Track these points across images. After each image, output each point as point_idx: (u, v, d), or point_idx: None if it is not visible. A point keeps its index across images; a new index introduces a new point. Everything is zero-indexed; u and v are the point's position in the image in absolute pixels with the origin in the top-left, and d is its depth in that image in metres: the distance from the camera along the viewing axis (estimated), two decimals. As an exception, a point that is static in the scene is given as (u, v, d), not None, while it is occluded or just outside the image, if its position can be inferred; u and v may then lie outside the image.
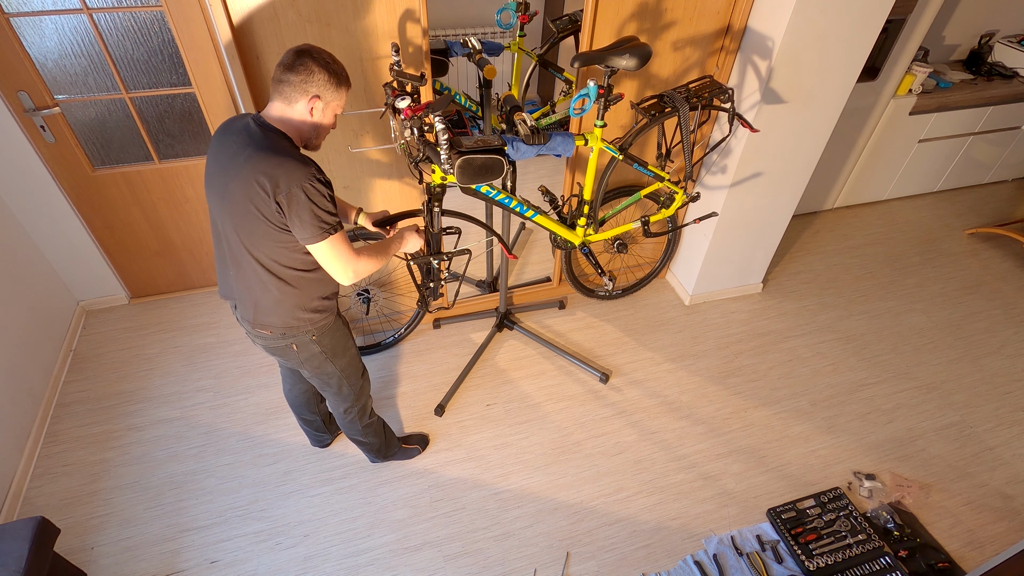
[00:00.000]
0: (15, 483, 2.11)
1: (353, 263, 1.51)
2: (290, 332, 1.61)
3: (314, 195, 1.38)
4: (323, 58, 1.41)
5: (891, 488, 2.28)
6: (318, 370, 1.75)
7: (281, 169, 1.37)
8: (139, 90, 2.30)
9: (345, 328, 1.79)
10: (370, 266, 1.56)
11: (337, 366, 1.76)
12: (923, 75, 3.15)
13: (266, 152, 1.38)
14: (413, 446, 2.28)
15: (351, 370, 1.82)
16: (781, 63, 2.16)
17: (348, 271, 1.51)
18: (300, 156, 1.41)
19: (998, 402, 2.63)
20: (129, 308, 2.86)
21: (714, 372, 2.69)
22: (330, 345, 1.71)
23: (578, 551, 2.06)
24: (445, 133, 1.68)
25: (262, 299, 1.55)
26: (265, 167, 1.37)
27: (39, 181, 2.39)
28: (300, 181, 1.37)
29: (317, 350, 1.68)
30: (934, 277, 3.29)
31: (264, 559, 2.00)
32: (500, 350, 2.74)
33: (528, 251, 3.20)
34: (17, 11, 2.03)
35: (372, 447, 2.15)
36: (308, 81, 1.40)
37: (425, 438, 2.35)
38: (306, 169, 1.38)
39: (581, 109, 1.82)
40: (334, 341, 1.72)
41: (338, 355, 1.75)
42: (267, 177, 1.36)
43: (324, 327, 1.66)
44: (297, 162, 1.38)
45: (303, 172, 1.37)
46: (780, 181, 2.61)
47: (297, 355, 1.68)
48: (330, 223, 1.43)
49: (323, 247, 1.44)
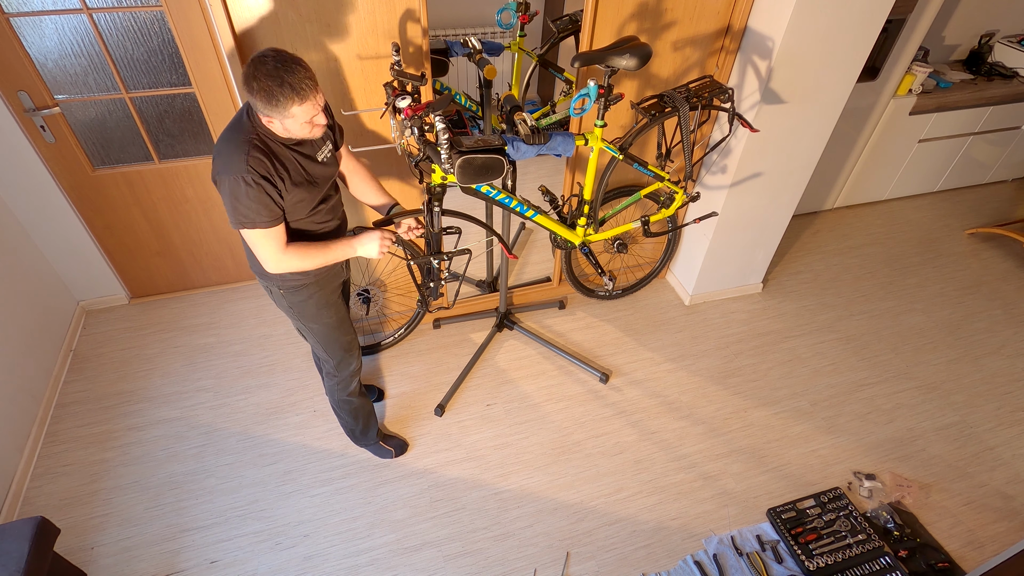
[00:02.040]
0: (15, 483, 2.11)
1: (276, 257, 1.57)
2: (262, 275, 1.71)
3: (237, 192, 1.45)
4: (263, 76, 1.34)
5: (891, 488, 2.28)
6: (294, 322, 1.87)
7: (217, 160, 1.47)
8: (139, 90, 2.30)
9: (325, 300, 1.81)
10: (299, 262, 1.60)
11: (307, 327, 1.85)
12: (923, 75, 3.15)
13: (224, 135, 1.49)
14: (389, 448, 2.28)
15: (327, 339, 1.89)
16: (781, 63, 2.16)
17: (268, 262, 1.58)
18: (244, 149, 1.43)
19: (998, 402, 2.63)
20: (129, 308, 2.86)
21: (714, 372, 2.69)
22: (299, 305, 1.78)
23: (578, 551, 2.06)
24: (445, 133, 1.68)
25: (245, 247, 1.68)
26: (216, 155, 1.49)
27: (39, 181, 2.39)
28: (229, 175, 1.44)
29: (285, 304, 1.78)
30: (934, 277, 3.29)
31: (264, 559, 2.00)
32: (500, 350, 2.74)
33: (528, 251, 3.20)
34: (17, 11, 2.03)
35: (346, 425, 2.21)
36: (250, 100, 1.39)
37: (404, 445, 2.33)
38: (237, 167, 1.43)
39: (581, 109, 1.82)
40: (303, 304, 1.78)
41: (307, 318, 1.82)
42: (213, 158, 1.50)
43: (292, 288, 1.73)
44: (229, 153, 1.45)
45: (234, 169, 1.43)
46: (780, 181, 2.61)
47: (271, 296, 1.80)
48: (247, 218, 1.47)
49: (244, 234, 1.54)
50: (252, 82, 1.35)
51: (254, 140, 1.45)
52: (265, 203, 1.48)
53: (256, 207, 1.47)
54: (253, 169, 1.43)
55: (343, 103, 2.06)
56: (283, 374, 2.57)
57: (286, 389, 2.52)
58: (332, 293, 1.84)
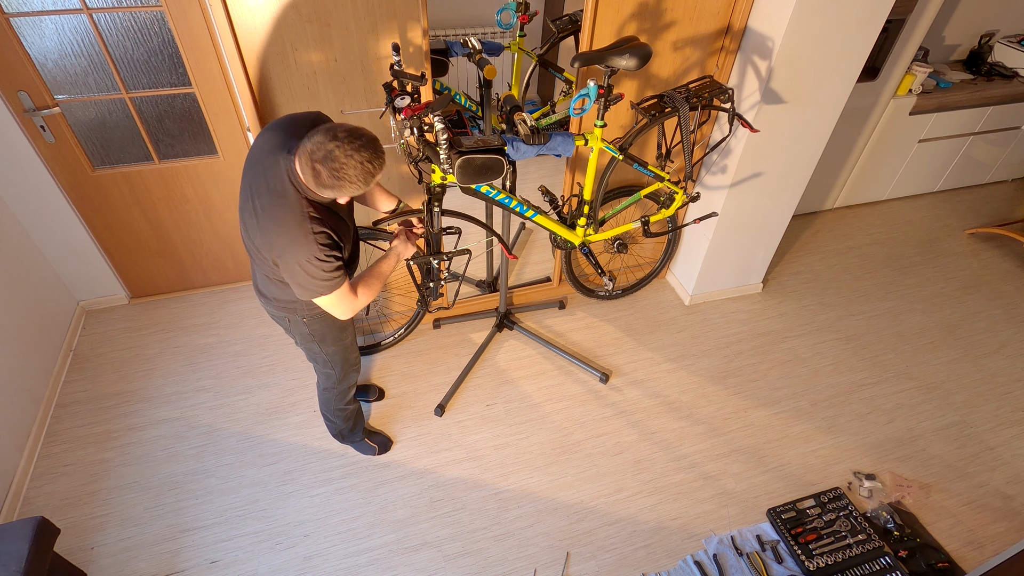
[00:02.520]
0: (15, 483, 2.11)
1: (352, 305, 1.59)
2: (286, 308, 1.71)
3: (313, 272, 1.44)
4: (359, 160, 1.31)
5: (891, 488, 2.28)
6: (305, 346, 1.85)
7: (281, 236, 1.43)
8: (139, 90, 2.30)
9: (345, 324, 1.83)
10: (369, 297, 1.64)
11: (324, 350, 1.85)
12: (923, 75, 3.15)
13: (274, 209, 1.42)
14: (373, 445, 2.29)
15: (338, 359, 1.90)
16: (781, 63, 2.16)
17: (346, 312, 1.60)
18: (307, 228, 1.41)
19: (998, 402, 2.63)
20: (129, 308, 2.86)
21: (714, 372, 2.69)
22: (320, 331, 1.79)
23: (578, 551, 2.06)
24: (444, 133, 1.68)
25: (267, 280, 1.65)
26: (270, 229, 1.43)
27: (39, 181, 2.39)
28: (300, 258, 1.42)
29: (307, 331, 1.78)
30: (934, 277, 3.29)
31: (264, 559, 2.00)
32: (500, 350, 2.74)
33: (528, 251, 3.20)
34: (17, 11, 2.03)
35: (334, 428, 2.23)
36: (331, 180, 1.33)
37: (388, 442, 2.33)
38: (308, 249, 1.41)
39: (581, 109, 1.82)
40: (325, 330, 1.79)
41: (327, 342, 1.83)
42: (268, 242, 1.45)
43: (318, 315, 1.73)
44: (299, 236, 1.41)
45: (306, 252, 1.42)
46: (780, 181, 2.61)
47: (290, 327, 1.79)
48: (327, 284, 1.48)
49: (321, 301, 1.54)
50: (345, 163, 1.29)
51: (311, 214, 1.42)
52: (336, 267, 1.48)
53: (331, 274, 1.48)
54: (323, 246, 1.43)
55: (343, 103, 2.06)
56: (283, 374, 2.57)
57: (286, 389, 2.52)
58: None
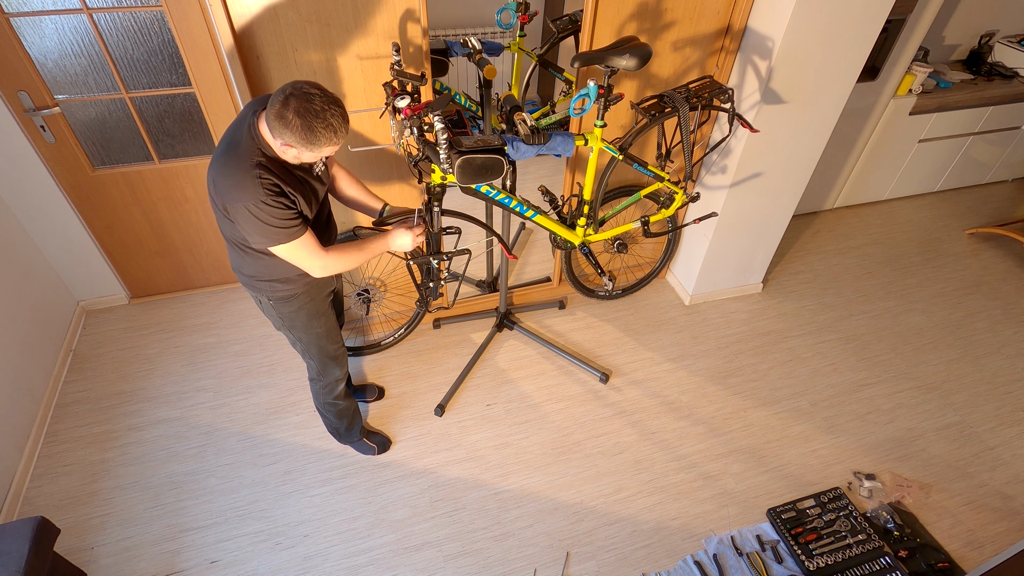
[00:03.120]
0: (15, 483, 2.11)
1: (320, 262, 1.57)
2: (251, 285, 1.70)
3: (259, 215, 1.42)
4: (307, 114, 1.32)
5: (891, 488, 2.28)
6: (280, 329, 1.84)
7: (224, 188, 1.42)
8: (139, 90, 2.30)
9: (315, 310, 1.81)
10: (341, 263, 1.61)
11: (295, 335, 1.85)
12: (923, 75, 3.15)
13: (224, 159, 1.43)
14: (372, 444, 2.29)
15: (313, 349, 1.89)
16: (781, 63, 2.16)
17: (313, 268, 1.58)
18: (255, 174, 1.40)
19: (998, 402, 2.63)
20: (129, 308, 2.86)
21: (714, 372, 2.69)
22: (288, 316, 1.78)
23: (578, 551, 2.06)
24: (444, 133, 1.68)
25: (232, 254, 1.67)
26: (216, 173, 1.43)
27: (39, 181, 2.39)
28: (241, 204, 1.41)
29: (274, 314, 1.77)
30: (934, 277, 3.29)
31: (264, 559, 2.00)
32: (500, 350, 2.74)
33: (528, 251, 3.20)
34: (17, 11, 2.03)
35: (330, 424, 2.22)
36: (281, 130, 1.35)
37: (387, 442, 2.33)
38: (248, 192, 1.39)
39: (581, 109, 1.82)
40: (293, 315, 1.78)
41: (297, 328, 1.82)
42: (214, 184, 1.44)
43: (281, 299, 1.72)
44: (239, 182, 1.40)
45: (244, 194, 1.40)
46: (780, 181, 2.60)
47: (261, 308, 1.78)
48: (282, 232, 1.45)
49: (280, 250, 1.51)
50: (292, 115, 1.32)
51: (261, 161, 1.42)
52: (291, 215, 1.47)
53: (284, 222, 1.46)
54: (269, 190, 1.41)
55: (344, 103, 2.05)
56: (283, 374, 2.57)
57: (286, 389, 2.52)
58: (323, 303, 1.85)
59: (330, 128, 1.36)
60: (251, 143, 1.44)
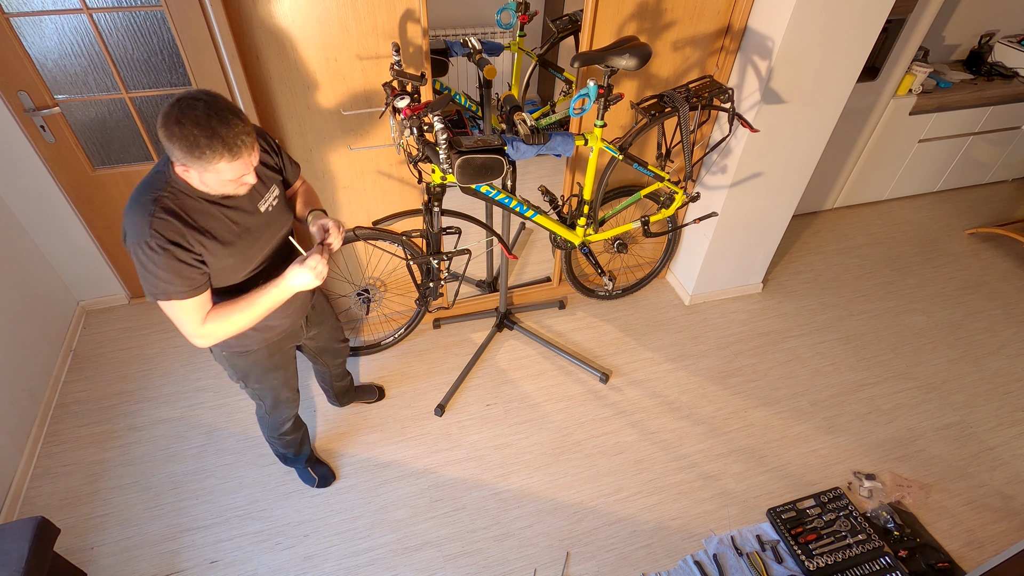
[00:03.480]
0: (15, 483, 2.11)
1: (195, 328, 1.34)
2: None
3: (143, 260, 1.24)
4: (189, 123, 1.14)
5: (891, 488, 2.28)
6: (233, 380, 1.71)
7: (126, 218, 1.26)
8: (139, 90, 2.30)
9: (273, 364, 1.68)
10: (225, 328, 1.37)
11: (249, 387, 1.72)
12: (923, 75, 3.15)
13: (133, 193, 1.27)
14: (314, 476, 2.17)
15: (268, 396, 1.77)
16: (781, 63, 2.16)
17: (192, 337, 1.36)
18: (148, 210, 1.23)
19: (998, 402, 2.63)
20: (129, 308, 2.86)
21: (714, 372, 2.69)
22: (241, 369, 1.65)
23: (578, 551, 2.06)
24: (444, 133, 1.68)
25: None
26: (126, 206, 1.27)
27: (39, 181, 2.39)
28: (131, 241, 1.25)
29: (227, 365, 1.64)
30: (934, 277, 3.29)
31: (264, 559, 2.00)
32: (500, 350, 2.74)
33: (528, 251, 3.20)
34: (17, 11, 2.03)
35: (275, 449, 2.10)
36: (166, 143, 1.17)
37: (330, 476, 2.20)
38: (140, 232, 1.22)
39: (581, 109, 1.82)
40: (247, 369, 1.65)
41: (250, 380, 1.69)
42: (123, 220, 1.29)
43: (235, 353, 1.59)
44: (138, 218, 1.23)
45: (138, 234, 1.23)
46: (780, 181, 2.61)
47: (213, 355, 1.64)
48: (161, 285, 1.26)
49: (163, 306, 1.32)
50: (173, 126, 1.14)
51: (163, 198, 1.24)
52: (177, 270, 1.26)
53: (167, 275, 1.25)
54: (158, 233, 1.22)
55: (343, 103, 2.06)
56: (283, 374, 2.57)
57: (286, 389, 2.52)
58: (283, 356, 1.71)
59: (216, 138, 1.15)
60: (160, 177, 1.27)
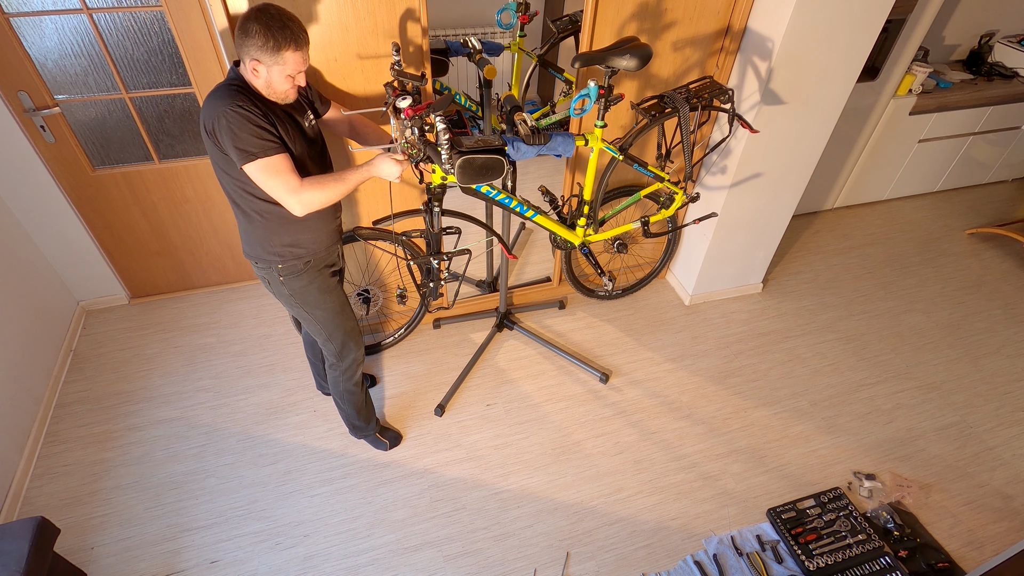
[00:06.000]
0: (15, 483, 2.11)
1: (295, 190, 1.54)
2: (261, 263, 1.73)
3: (233, 122, 1.45)
4: (263, 20, 1.41)
5: (891, 488, 2.28)
6: (293, 310, 1.86)
7: (207, 109, 1.48)
8: (139, 90, 2.30)
9: (325, 285, 1.84)
10: (320, 194, 1.58)
11: (310, 313, 1.86)
12: (923, 75, 3.15)
13: (208, 96, 1.51)
14: (384, 440, 2.31)
15: (331, 325, 1.90)
16: (781, 63, 2.16)
17: (290, 198, 1.55)
18: (226, 91, 1.48)
19: (998, 402, 2.63)
20: (129, 308, 2.86)
21: (714, 372, 2.69)
22: (299, 291, 1.79)
23: (578, 551, 2.06)
24: (446, 133, 1.68)
25: (241, 228, 1.71)
26: (204, 110, 1.51)
27: (39, 181, 2.39)
28: (219, 113, 1.46)
29: (285, 291, 1.78)
30: (934, 277, 3.29)
31: (264, 559, 2.00)
32: (500, 350, 2.74)
33: (528, 251, 3.20)
34: (17, 11, 2.03)
35: (347, 417, 2.22)
36: (245, 44, 1.44)
37: (398, 437, 2.35)
38: (224, 101, 1.46)
39: (581, 109, 1.82)
40: (304, 290, 1.79)
41: (309, 304, 1.83)
42: (202, 121, 1.51)
43: (290, 271, 1.74)
44: (219, 97, 1.47)
45: (221, 104, 1.46)
46: (780, 181, 2.61)
47: (271, 288, 1.80)
48: (255, 142, 1.48)
49: (252, 170, 1.51)
50: (252, 24, 1.40)
51: (243, 89, 1.50)
52: (265, 129, 1.49)
53: (258, 131, 1.48)
54: (245, 100, 1.47)
55: (343, 103, 2.05)
56: (283, 374, 2.57)
57: (286, 389, 2.52)
58: (330, 277, 1.88)
59: (287, 30, 1.42)
60: (234, 81, 1.52)
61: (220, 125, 1.47)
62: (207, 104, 1.49)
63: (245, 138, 1.47)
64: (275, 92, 1.53)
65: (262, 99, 1.53)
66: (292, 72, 1.50)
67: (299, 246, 1.73)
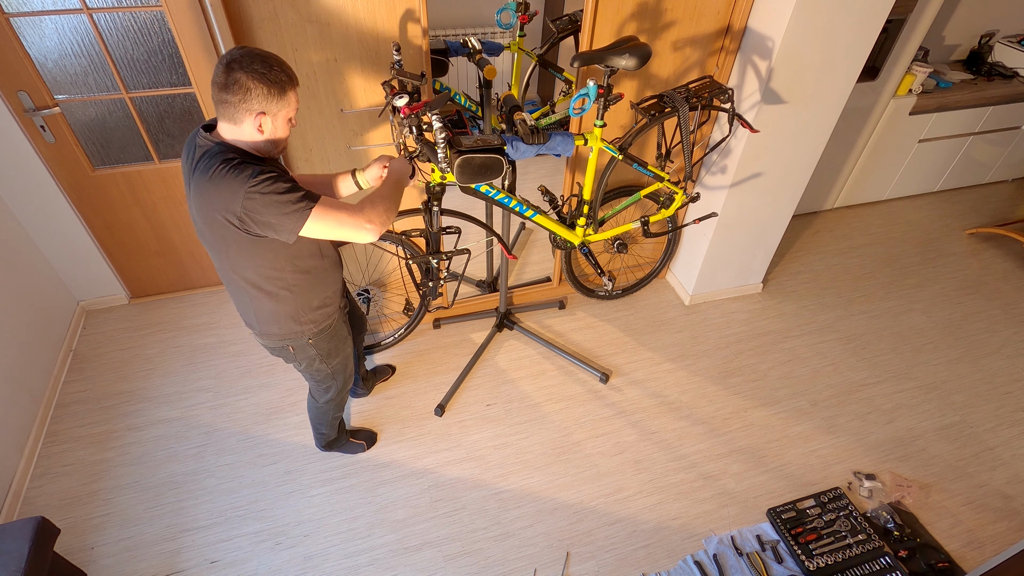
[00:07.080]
0: (15, 483, 2.11)
1: (357, 218, 1.39)
2: (289, 338, 1.66)
3: (268, 192, 1.30)
4: (256, 68, 1.28)
5: (891, 488, 2.28)
6: (310, 368, 1.79)
7: (220, 197, 1.31)
8: (139, 90, 2.30)
9: (344, 327, 1.81)
10: (380, 208, 1.44)
11: (329, 365, 1.81)
12: (923, 75, 3.15)
13: (208, 182, 1.32)
14: (360, 441, 2.30)
15: (341, 369, 1.87)
16: (781, 63, 2.16)
17: (358, 230, 1.40)
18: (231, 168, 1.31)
19: (998, 402, 2.63)
20: (129, 308, 2.86)
21: (714, 372, 2.69)
22: (326, 348, 1.74)
23: (578, 551, 2.06)
24: (443, 132, 1.68)
25: (259, 312, 1.59)
26: (213, 199, 1.32)
27: (39, 181, 2.39)
28: (243, 193, 1.29)
29: (313, 352, 1.72)
30: (934, 277, 3.29)
31: (264, 559, 2.00)
32: (500, 350, 2.74)
33: (528, 251, 3.20)
34: (17, 11, 2.03)
35: (325, 438, 2.20)
36: (247, 100, 1.30)
37: (373, 436, 2.35)
38: (239, 179, 1.29)
39: (581, 109, 1.82)
40: (330, 344, 1.75)
41: (332, 356, 1.79)
42: (220, 209, 1.32)
43: (323, 330, 1.69)
44: (228, 178, 1.30)
45: (238, 183, 1.29)
46: (780, 181, 2.60)
47: (294, 356, 1.72)
48: (301, 203, 1.33)
49: (314, 223, 1.35)
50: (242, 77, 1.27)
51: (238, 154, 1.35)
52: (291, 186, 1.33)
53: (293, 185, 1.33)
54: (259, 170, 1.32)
55: (343, 102, 2.06)
56: (283, 374, 2.57)
57: (286, 389, 2.52)
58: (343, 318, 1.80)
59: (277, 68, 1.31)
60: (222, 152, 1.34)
61: (253, 205, 1.30)
62: (213, 192, 1.31)
63: (287, 199, 1.31)
64: (278, 143, 1.41)
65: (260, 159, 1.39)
66: (294, 112, 1.40)
67: (327, 304, 1.66)
